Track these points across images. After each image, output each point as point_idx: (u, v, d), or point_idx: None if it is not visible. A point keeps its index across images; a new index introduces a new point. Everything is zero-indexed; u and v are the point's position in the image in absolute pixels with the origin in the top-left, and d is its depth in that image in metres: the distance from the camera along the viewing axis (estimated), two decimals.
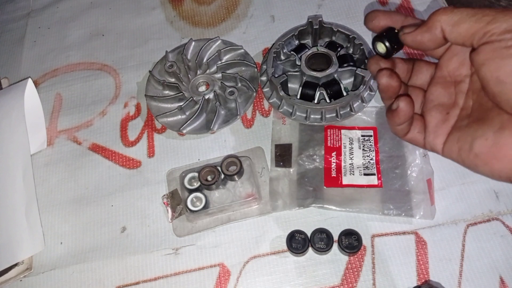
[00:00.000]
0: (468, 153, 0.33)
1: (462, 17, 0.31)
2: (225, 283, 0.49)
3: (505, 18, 0.29)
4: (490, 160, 0.32)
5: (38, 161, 0.60)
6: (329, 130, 0.56)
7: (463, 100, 0.36)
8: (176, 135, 0.60)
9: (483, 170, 0.33)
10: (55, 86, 0.67)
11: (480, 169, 0.33)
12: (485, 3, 0.75)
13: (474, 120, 0.34)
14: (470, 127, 0.34)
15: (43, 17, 0.75)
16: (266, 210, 0.52)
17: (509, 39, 0.29)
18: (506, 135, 0.31)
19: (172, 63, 0.62)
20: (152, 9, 0.73)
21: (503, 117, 0.32)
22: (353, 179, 0.52)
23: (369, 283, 0.48)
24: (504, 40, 0.29)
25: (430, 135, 0.37)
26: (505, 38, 0.29)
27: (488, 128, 0.32)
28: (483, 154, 0.32)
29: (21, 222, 0.54)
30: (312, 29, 0.61)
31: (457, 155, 0.35)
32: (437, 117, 0.37)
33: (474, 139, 0.33)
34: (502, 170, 0.32)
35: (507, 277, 0.46)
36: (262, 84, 0.60)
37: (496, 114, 0.32)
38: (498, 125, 0.32)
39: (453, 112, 0.37)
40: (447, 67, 0.37)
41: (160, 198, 0.55)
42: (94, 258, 0.52)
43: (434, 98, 0.38)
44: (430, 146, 0.37)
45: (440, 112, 0.37)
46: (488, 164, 0.32)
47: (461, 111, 0.36)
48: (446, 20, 0.32)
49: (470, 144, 0.33)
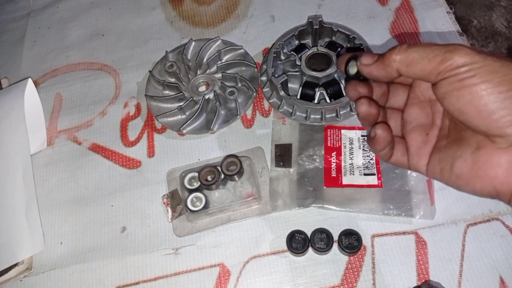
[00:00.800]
0: (449, 174, 0.34)
1: (415, 58, 0.33)
2: (225, 283, 0.49)
3: (454, 56, 0.31)
4: (471, 180, 0.33)
5: (38, 161, 0.60)
6: (329, 130, 0.56)
7: (440, 120, 0.37)
8: (176, 135, 0.60)
9: (466, 189, 0.34)
10: (55, 86, 0.67)
11: (463, 189, 0.34)
12: (485, 3, 0.75)
13: (453, 140, 0.35)
14: (450, 147, 0.35)
15: (43, 17, 0.75)
16: (266, 210, 0.52)
17: (461, 73, 0.30)
18: (483, 154, 0.32)
19: (172, 63, 0.62)
20: (152, 9, 0.73)
21: (478, 137, 0.32)
22: (353, 179, 0.52)
23: (369, 283, 0.48)
24: (457, 74, 0.31)
25: (413, 158, 0.37)
26: (458, 73, 0.31)
27: (465, 148, 0.33)
28: (464, 175, 0.33)
29: (21, 222, 0.54)
30: (312, 29, 0.61)
31: (440, 176, 0.35)
32: (417, 139, 0.38)
33: (454, 160, 0.34)
34: (483, 189, 0.32)
35: (507, 277, 0.46)
36: (262, 84, 0.60)
37: (471, 134, 0.33)
38: (475, 145, 0.32)
39: (432, 132, 0.37)
40: (419, 87, 0.38)
41: (160, 198, 0.55)
42: (94, 258, 0.52)
43: (412, 119, 0.38)
44: (415, 167, 0.38)
45: (420, 133, 0.38)
46: (470, 184, 0.33)
47: (440, 131, 0.37)
48: (401, 60, 0.33)
49: (450, 165, 0.34)
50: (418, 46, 0.33)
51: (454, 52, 0.31)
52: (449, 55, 0.31)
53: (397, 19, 0.66)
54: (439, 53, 0.32)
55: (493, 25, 0.76)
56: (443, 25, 0.64)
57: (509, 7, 0.77)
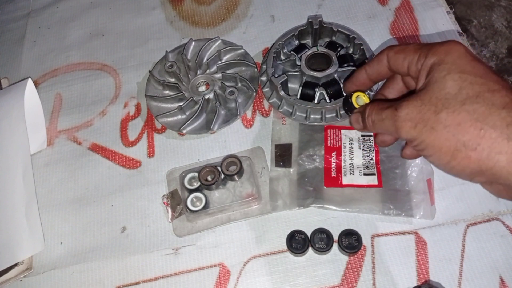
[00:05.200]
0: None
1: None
2: (225, 283, 0.49)
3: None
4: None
5: (38, 161, 0.60)
6: (329, 130, 0.56)
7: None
8: (176, 135, 0.60)
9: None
10: (55, 86, 0.67)
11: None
12: (485, 3, 0.75)
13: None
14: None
15: (43, 17, 0.75)
16: (266, 210, 0.52)
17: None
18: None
19: (172, 63, 0.62)
20: (152, 9, 0.73)
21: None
22: (353, 179, 0.52)
23: (369, 283, 0.48)
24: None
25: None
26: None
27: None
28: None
29: (21, 222, 0.54)
30: (312, 29, 0.61)
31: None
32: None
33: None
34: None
35: (507, 277, 0.46)
36: (262, 84, 0.60)
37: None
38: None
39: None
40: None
41: (160, 198, 0.55)
42: (94, 258, 0.52)
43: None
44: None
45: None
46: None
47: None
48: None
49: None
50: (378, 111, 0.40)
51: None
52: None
53: (397, 19, 0.66)
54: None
55: (493, 25, 0.76)
56: (443, 25, 0.64)
57: (509, 7, 0.77)
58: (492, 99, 0.33)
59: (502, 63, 0.80)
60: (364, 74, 0.45)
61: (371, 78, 0.45)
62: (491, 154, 0.32)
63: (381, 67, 0.42)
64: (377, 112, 0.39)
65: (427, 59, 0.37)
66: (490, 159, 0.33)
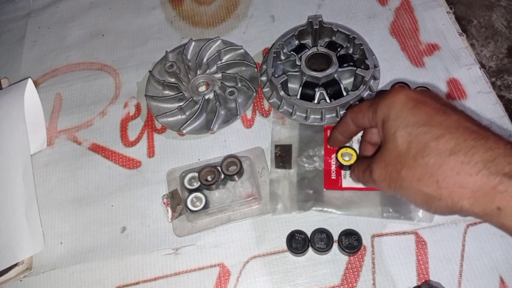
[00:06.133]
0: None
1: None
2: (225, 283, 0.49)
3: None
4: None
5: (38, 161, 0.60)
6: (329, 131, 0.56)
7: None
8: (176, 135, 0.60)
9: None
10: (55, 86, 0.67)
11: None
12: (485, 3, 0.75)
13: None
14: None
15: (43, 17, 0.75)
16: (266, 210, 0.52)
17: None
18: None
19: (172, 63, 0.62)
20: (152, 9, 0.73)
21: None
22: (353, 182, 0.52)
23: (369, 283, 0.48)
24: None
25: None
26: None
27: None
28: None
29: (21, 222, 0.54)
30: (312, 29, 0.61)
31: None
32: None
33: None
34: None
35: (507, 277, 0.46)
36: (262, 84, 0.60)
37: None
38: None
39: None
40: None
41: (160, 198, 0.55)
42: (94, 258, 0.52)
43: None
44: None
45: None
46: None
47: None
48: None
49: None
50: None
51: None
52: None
53: (397, 19, 0.66)
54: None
55: (493, 25, 0.76)
56: (443, 25, 0.64)
57: (509, 7, 0.77)
58: (438, 147, 0.35)
59: (502, 63, 0.80)
60: (338, 135, 0.48)
61: (345, 136, 0.48)
62: (453, 202, 0.34)
63: (349, 127, 0.46)
64: (361, 175, 0.43)
65: (377, 115, 0.40)
66: (455, 205, 0.34)
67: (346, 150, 0.52)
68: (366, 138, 0.47)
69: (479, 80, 0.58)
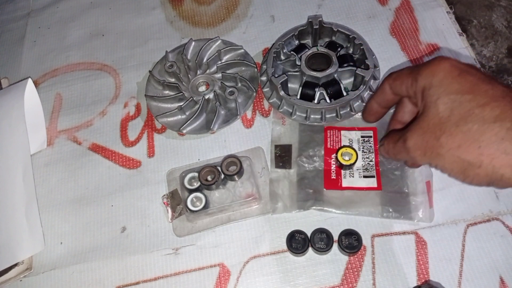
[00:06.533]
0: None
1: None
2: (225, 283, 0.49)
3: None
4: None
5: (38, 161, 0.60)
6: (329, 131, 0.56)
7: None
8: (176, 135, 0.60)
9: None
10: (55, 86, 0.67)
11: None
12: (485, 3, 0.75)
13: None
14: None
15: (43, 17, 0.75)
16: (266, 210, 0.52)
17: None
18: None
19: (172, 63, 0.62)
20: (152, 9, 0.73)
21: None
22: (353, 181, 0.52)
23: (369, 283, 0.48)
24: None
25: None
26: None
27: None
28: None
29: (21, 222, 0.54)
30: (312, 29, 0.61)
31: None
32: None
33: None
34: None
35: (507, 277, 0.46)
36: (262, 84, 0.60)
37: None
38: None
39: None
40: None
41: (160, 198, 0.55)
42: (94, 258, 0.52)
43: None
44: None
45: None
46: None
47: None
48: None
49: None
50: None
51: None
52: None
53: (397, 19, 0.66)
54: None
55: (493, 25, 0.76)
56: (443, 25, 0.64)
57: (509, 7, 0.77)
58: (483, 114, 0.34)
59: (502, 63, 0.80)
60: (375, 104, 0.47)
61: (382, 106, 0.47)
62: (495, 169, 0.34)
63: (386, 95, 0.45)
64: (392, 146, 0.42)
65: (418, 83, 0.39)
66: (496, 173, 0.34)
67: (346, 150, 0.52)
68: (398, 116, 0.46)
69: None
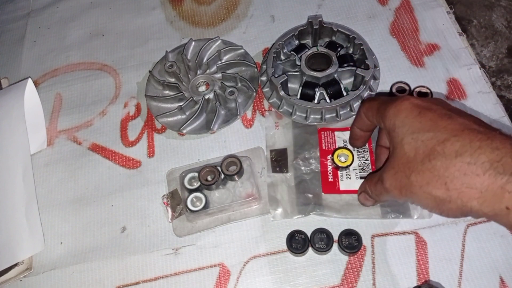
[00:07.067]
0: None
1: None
2: (225, 283, 0.49)
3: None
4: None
5: (38, 161, 0.60)
6: (323, 132, 0.56)
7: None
8: (176, 135, 0.60)
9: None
10: (55, 86, 0.67)
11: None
12: (485, 3, 0.75)
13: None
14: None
15: (43, 17, 0.75)
16: (266, 210, 0.52)
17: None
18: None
19: (172, 63, 0.62)
20: (152, 9, 0.73)
21: None
22: (350, 184, 0.52)
23: (369, 283, 0.48)
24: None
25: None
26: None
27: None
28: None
29: (21, 222, 0.54)
30: (312, 29, 0.61)
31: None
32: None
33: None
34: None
35: (507, 277, 0.46)
36: (262, 84, 0.60)
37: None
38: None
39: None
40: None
41: (160, 198, 0.55)
42: (94, 258, 0.52)
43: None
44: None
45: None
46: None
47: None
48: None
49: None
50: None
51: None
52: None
53: (397, 19, 0.66)
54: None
55: (493, 25, 0.76)
56: (443, 25, 0.64)
57: (509, 7, 0.77)
58: (444, 150, 0.35)
59: (502, 63, 0.80)
60: (356, 129, 0.49)
61: (364, 130, 0.48)
62: (463, 203, 0.34)
63: (364, 121, 0.46)
64: (374, 188, 0.43)
65: (385, 124, 0.41)
66: (465, 207, 0.34)
67: (342, 151, 0.52)
68: (381, 142, 0.48)
69: (479, 80, 0.59)
